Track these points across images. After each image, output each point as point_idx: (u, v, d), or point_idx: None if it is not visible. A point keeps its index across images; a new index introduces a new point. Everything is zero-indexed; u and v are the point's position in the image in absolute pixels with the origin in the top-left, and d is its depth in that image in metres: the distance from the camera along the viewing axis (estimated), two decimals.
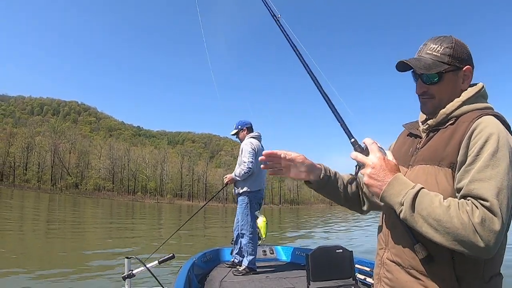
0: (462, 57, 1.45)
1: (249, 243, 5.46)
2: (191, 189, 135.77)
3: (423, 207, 1.20)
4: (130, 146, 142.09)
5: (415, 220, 1.21)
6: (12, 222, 20.47)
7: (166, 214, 46.83)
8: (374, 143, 1.40)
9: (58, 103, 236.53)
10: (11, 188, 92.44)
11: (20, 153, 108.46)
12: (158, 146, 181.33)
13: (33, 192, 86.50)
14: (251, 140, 5.81)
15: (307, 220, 42.55)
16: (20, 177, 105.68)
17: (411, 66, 1.47)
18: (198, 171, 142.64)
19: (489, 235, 1.12)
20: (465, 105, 1.42)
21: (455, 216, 1.14)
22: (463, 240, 1.14)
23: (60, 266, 9.54)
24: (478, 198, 1.17)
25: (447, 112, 1.43)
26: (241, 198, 5.72)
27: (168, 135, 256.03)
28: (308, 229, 28.26)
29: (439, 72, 1.43)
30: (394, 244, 1.45)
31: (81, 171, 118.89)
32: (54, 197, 76.11)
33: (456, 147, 1.32)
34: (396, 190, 1.27)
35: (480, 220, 1.12)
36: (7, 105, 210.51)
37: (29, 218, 25.98)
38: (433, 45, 1.47)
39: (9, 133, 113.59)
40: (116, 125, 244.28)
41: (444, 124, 1.44)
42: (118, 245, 14.51)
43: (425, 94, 1.49)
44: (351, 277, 3.98)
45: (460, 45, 1.46)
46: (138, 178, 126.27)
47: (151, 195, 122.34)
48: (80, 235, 17.82)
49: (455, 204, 1.18)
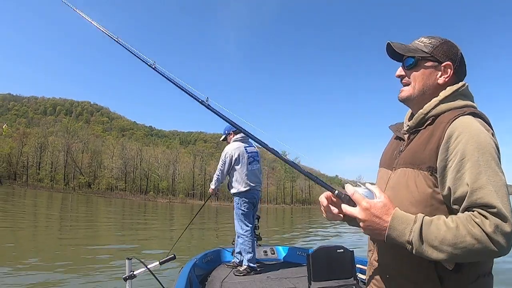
0: (447, 53, 1.46)
1: (244, 242, 5.52)
2: (203, 188, 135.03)
3: (432, 238, 1.17)
4: (143, 146, 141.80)
5: (429, 253, 1.18)
6: (26, 221, 20.60)
7: (177, 213, 46.69)
8: (354, 192, 1.29)
9: (71, 103, 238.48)
10: (24, 187, 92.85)
11: (33, 153, 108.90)
12: (170, 146, 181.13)
13: (46, 192, 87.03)
14: (230, 146, 5.98)
15: (318, 220, 41.96)
16: (33, 176, 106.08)
17: (400, 55, 1.53)
18: (210, 171, 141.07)
19: (503, 240, 1.13)
20: (443, 104, 1.42)
21: (467, 234, 1.14)
22: (481, 252, 1.14)
23: (67, 264, 9.63)
24: (484, 207, 1.17)
25: (425, 112, 1.44)
26: (234, 199, 5.89)
27: (180, 135, 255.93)
28: (317, 229, 28.01)
29: (415, 57, 1.47)
30: (378, 246, 1.49)
31: (93, 170, 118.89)
32: (67, 196, 76.55)
33: (434, 151, 1.32)
34: (399, 230, 1.22)
35: (493, 229, 1.13)
36: (20, 106, 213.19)
37: (42, 214, 26.78)
38: (424, 38, 1.52)
39: (22, 133, 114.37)
40: (129, 125, 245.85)
41: (423, 125, 1.45)
42: (128, 244, 14.65)
43: (402, 77, 1.54)
44: (352, 276, 4.00)
45: (450, 44, 1.49)
46: (150, 178, 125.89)
47: (163, 195, 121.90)
48: (92, 233, 17.91)
49: (461, 222, 1.17)
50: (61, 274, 8.51)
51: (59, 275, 8.39)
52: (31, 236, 15.12)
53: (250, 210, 5.86)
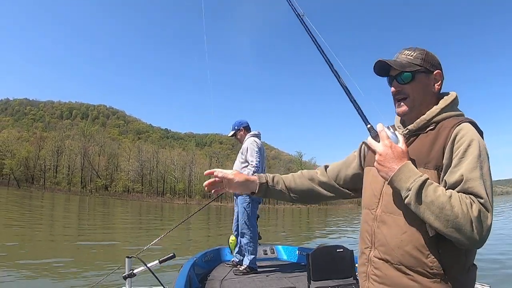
0: (432, 62, 1.61)
1: (249, 242, 5.46)
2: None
3: (427, 194, 1.30)
4: (159, 148, 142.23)
5: (419, 206, 1.32)
6: (42, 225, 20.22)
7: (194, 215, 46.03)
8: (383, 130, 1.49)
9: (87, 107, 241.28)
10: (41, 190, 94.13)
11: (50, 156, 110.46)
12: (186, 148, 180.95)
13: (63, 194, 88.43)
14: (255, 139, 5.83)
15: (334, 221, 41.49)
16: (51, 179, 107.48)
17: (386, 71, 1.64)
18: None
19: (482, 229, 1.26)
20: (444, 112, 1.56)
21: (456, 206, 1.26)
22: (460, 229, 1.25)
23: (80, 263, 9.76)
24: (474, 195, 1.30)
25: (428, 118, 1.56)
26: (241, 198, 5.65)
27: (196, 137, 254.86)
28: (335, 229, 27.81)
29: (412, 71, 1.58)
30: (382, 242, 1.53)
31: (110, 173, 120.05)
32: (84, 198, 77.46)
33: (441, 150, 1.45)
34: (405, 176, 1.36)
35: (477, 214, 1.25)
36: (37, 110, 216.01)
37: (59, 216, 27.37)
38: (407, 51, 1.64)
39: (39, 137, 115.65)
40: (144, 127, 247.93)
41: (424, 129, 1.58)
42: (143, 243, 14.30)
43: (399, 93, 1.62)
44: (352, 276, 3.92)
45: (430, 54, 1.63)
46: (166, 180, 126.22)
47: (179, 197, 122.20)
48: (109, 234, 18.09)
49: (456, 195, 1.29)
50: (73, 274, 8.65)
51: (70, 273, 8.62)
52: (48, 236, 15.41)
53: (257, 210, 5.79)
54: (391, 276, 1.48)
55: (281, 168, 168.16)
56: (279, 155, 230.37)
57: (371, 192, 1.65)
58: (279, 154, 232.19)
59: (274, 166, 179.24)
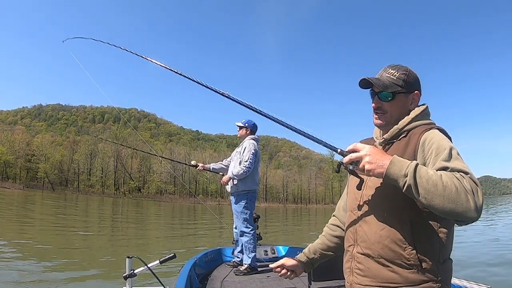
0: (413, 83, 1.77)
1: (250, 240, 5.50)
2: None
3: (421, 175, 1.37)
4: (190, 150, 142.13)
5: (418, 189, 1.37)
6: (76, 226, 20.00)
7: (227, 214, 45.47)
8: (354, 143, 1.55)
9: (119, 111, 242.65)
10: (75, 193, 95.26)
11: (84, 160, 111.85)
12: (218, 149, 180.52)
13: (97, 197, 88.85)
14: (254, 142, 5.98)
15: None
16: (85, 182, 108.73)
17: (371, 84, 1.76)
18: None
19: (476, 200, 1.32)
20: (414, 122, 1.72)
21: (449, 181, 1.33)
22: (457, 202, 1.31)
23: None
24: (460, 172, 1.40)
25: (400, 127, 1.73)
26: (239, 197, 5.76)
27: (227, 138, 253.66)
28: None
29: (393, 92, 1.73)
30: (364, 239, 1.67)
31: (143, 175, 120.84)
32: (117, 200, 77.94)
33: (412, 154, 1.60)
34: (399, 166, 1.41)
35: (469, 186, 1.33)
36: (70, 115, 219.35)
37: (94, 216, 28.72)
38: (391, 70, 1.78)
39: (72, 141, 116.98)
40: (176, 130, 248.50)
41: (397, 137, 1.75)
42: (176, 245, 14.55)
43: (379, 109, 1.78)
44: None
45: (413, 74, 1.79)
46: (199, 181, 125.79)
47: (212, 197, 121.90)
48: (142, 235, 18.02)
49: (445, 173, 1.38)
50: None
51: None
52: (83, 236, 15.60)
53: (254, 209, 5.83)
54: (373, 269, 1.60)
55: (313, 168, 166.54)
56: (310, 154, 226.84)
57: (353, 195, 1.79)
58: (310, 154, 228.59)
59: (305, 166, 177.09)
